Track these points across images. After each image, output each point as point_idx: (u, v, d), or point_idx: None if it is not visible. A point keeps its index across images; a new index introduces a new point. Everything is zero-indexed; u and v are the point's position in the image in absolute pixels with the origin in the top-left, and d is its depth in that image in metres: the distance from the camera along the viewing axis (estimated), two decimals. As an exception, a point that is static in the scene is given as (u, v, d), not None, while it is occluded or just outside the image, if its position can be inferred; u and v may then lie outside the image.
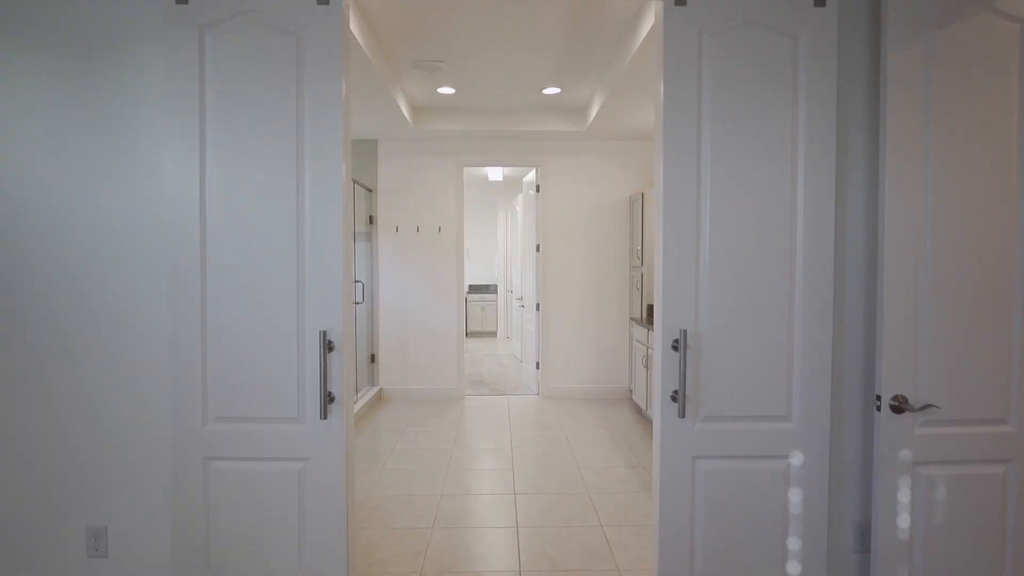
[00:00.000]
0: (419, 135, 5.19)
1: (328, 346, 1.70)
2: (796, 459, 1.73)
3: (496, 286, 10.40)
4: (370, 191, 5.39)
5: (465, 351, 8.37)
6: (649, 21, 2.81)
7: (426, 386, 5.47)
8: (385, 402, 5.32)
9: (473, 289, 10.46)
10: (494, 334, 10.12)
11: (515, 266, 7.72)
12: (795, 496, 1.74)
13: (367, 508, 2.98)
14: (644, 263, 4.91)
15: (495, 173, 7.12)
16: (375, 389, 5.35)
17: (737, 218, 1.69)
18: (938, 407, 1.65)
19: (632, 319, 4.87)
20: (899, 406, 1.63)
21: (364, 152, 5.37)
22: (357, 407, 4.82)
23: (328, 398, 1.71)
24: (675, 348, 1.70)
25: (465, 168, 5.90)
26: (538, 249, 5.51)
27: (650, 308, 4.90)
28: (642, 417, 4.75)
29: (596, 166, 5.43)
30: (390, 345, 5.43)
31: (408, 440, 4.17)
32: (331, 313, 1.71)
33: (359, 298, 5.20)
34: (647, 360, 4.43)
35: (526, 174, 6.09)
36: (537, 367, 5.57)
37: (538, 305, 5.52)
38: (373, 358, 5.44)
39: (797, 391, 1.72)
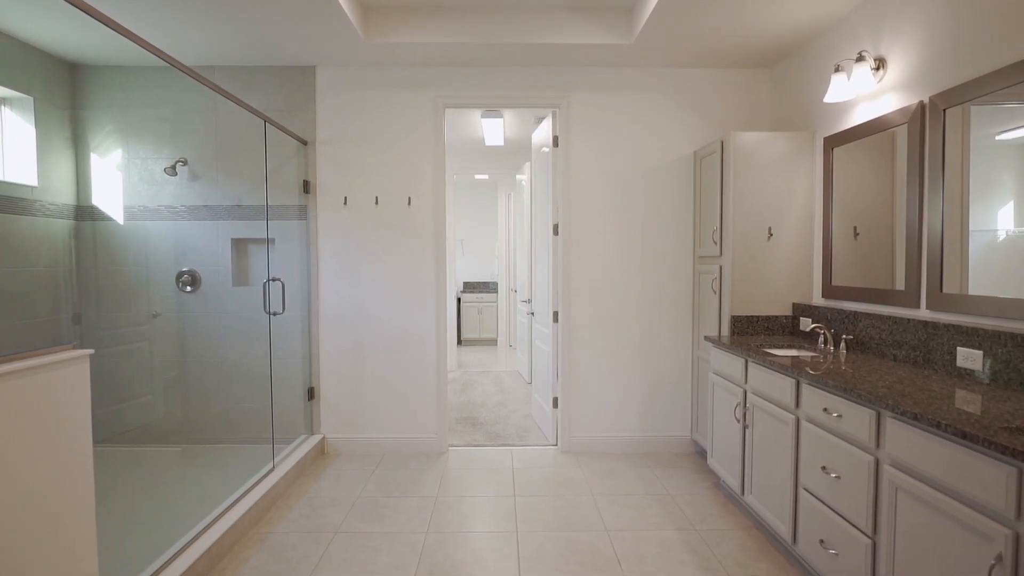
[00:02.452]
0: (376, 56, 3.39)
1: None
2: None
3: (496, 284, 8.61)
4: (304, 144, 3.60)
5: (456, 365, 6.58)
6: None
7: (391, 435, 3.69)
8: (328, 460, 3.55)
9: (468, 287, 8.67)
10: (494, 342, 8.35)
11: (521, 259, 5.96)
12: None
13: None
14: (727, 251, 3.12)
15: (494, 134, 5.33)
16: (314, 440, 3.57)
17: None
18: None
19: (706, 339, 3.10)
20: None
21: (294, 85, 3.58)
22: (283, 470, 3.06)
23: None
24: None
25: (448, 111, 4.11)
26: (556, 232, 3.72)
27: (740, 321, 3.11)
28: (727, 497, 2.97)
29: (644, 106, 3.63)
30: (337, 373, 3.66)
31: (338, 555, 2.39)
32: None
33: (277, 306, 3.40)
34: (747, 412, 2.64)
35: (536, 129, 4.30)
36: (555, 405, 3.79)
37: (556, 315, 3.74)
38: (311, 393, 3.66)
39: None
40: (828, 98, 2.71)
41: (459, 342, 8.33)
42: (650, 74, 3.60)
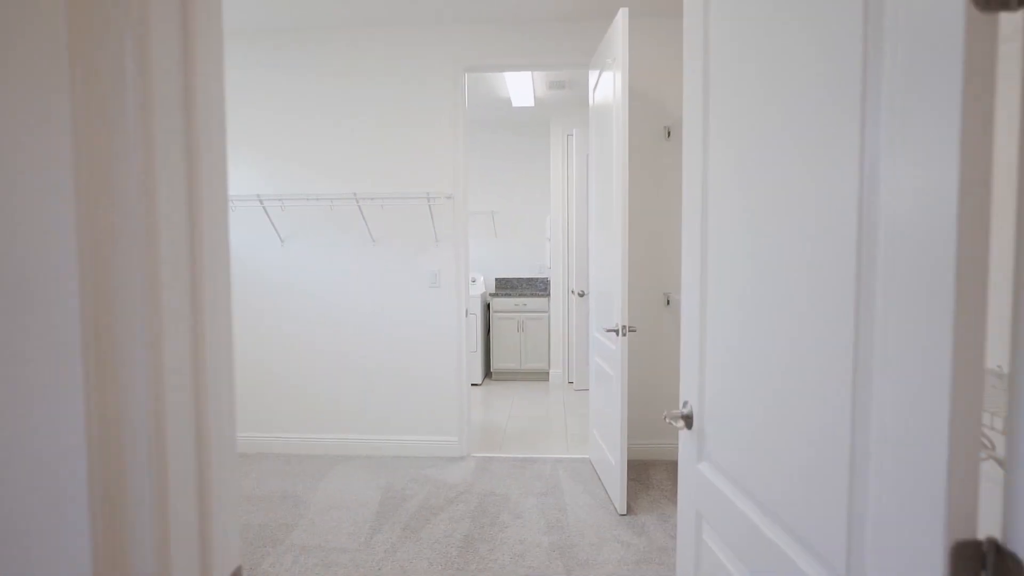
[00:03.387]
0: None
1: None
2: None
3: (547, 281, 5.54)
4: None
5: (467, 434, 3.47)
6: None
7: None
8: None
9: (503, 287, 5.64)
10: (544, 376, 5.29)
11: (596, 240, 2.95)
12: None
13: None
14: None
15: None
16: None
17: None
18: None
19: None
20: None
21: None
22: None
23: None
24: None
25: None
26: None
27: None
28: None
29: None
30: None
31: None
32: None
33: None
34: None
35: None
36: None
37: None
38: None
39: None
40: None
41: (488, 375, 5.34)
42: None
